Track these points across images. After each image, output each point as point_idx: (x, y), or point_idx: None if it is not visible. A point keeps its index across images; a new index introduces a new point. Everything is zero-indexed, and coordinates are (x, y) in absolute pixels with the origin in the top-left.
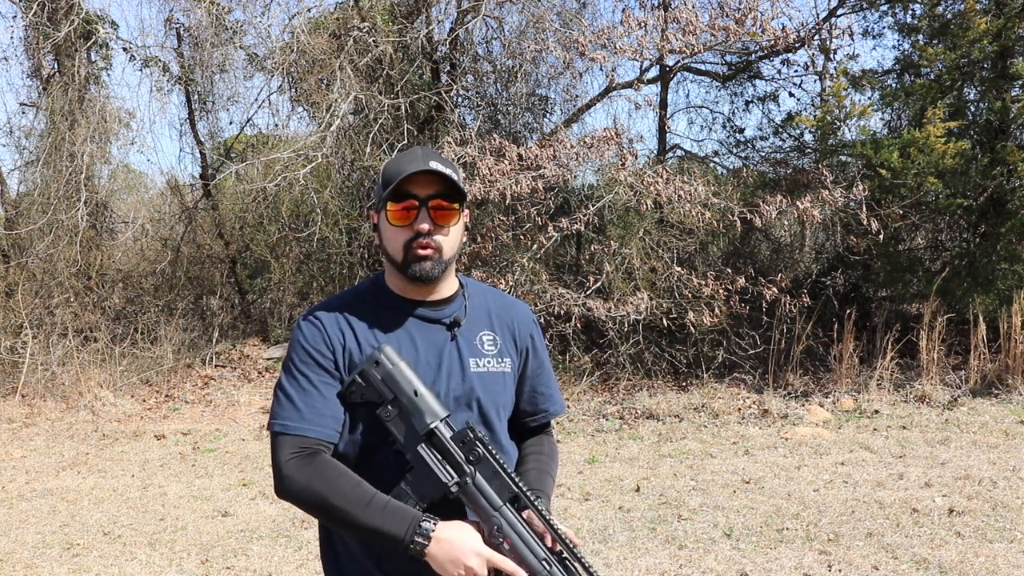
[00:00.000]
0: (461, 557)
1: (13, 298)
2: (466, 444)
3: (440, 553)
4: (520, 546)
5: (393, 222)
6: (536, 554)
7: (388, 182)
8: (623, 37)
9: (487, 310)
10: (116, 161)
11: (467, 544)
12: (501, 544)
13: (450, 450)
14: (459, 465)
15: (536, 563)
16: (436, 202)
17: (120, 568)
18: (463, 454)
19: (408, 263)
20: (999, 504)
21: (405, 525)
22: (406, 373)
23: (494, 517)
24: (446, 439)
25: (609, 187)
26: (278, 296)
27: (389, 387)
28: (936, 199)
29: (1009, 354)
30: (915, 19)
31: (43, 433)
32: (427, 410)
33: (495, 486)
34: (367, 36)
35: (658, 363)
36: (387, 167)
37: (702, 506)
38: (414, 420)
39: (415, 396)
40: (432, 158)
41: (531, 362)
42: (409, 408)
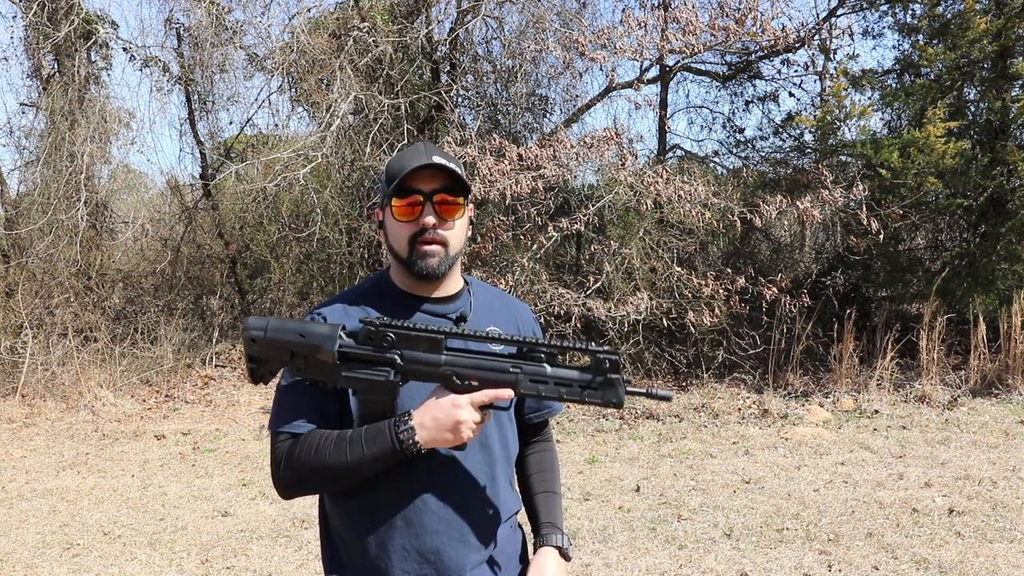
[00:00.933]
0: (449, 420)
1: (13, 298)
2: (374, 338)
3: (431, 432)
4: (485, 374)
5: (398, 217)
6: (501, 368)
7: (392, 178)
8: (623, 37)
9: (492, 307)
10: (116, 161)
11: (443, 406)
12: (469, 385)
13: (365, 353)
14: (381, 358)
15: (507, 375)
16: (441, 196)
17: (120, 568)
18: (377, 346)
19: (414, 259)
20: (999, 504)
21: (387, 438)
22: (281, 326)
23: (444, 371)
24: (353, 347)
25: (609, 187)
26: (278, 296)
27: (279, 349)
28: (936, 199)
29: (1009, 354)
30: (915, 19)
31: (43, 433)
32: (322, 339)
33: (424, 348)
34: (367, 36)
35: (658, 363)
36: (390, 164)
37: (702, 506)
38: (321, 356)
39: (303, 338)
40: (435, 153)
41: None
42: (308, 351)
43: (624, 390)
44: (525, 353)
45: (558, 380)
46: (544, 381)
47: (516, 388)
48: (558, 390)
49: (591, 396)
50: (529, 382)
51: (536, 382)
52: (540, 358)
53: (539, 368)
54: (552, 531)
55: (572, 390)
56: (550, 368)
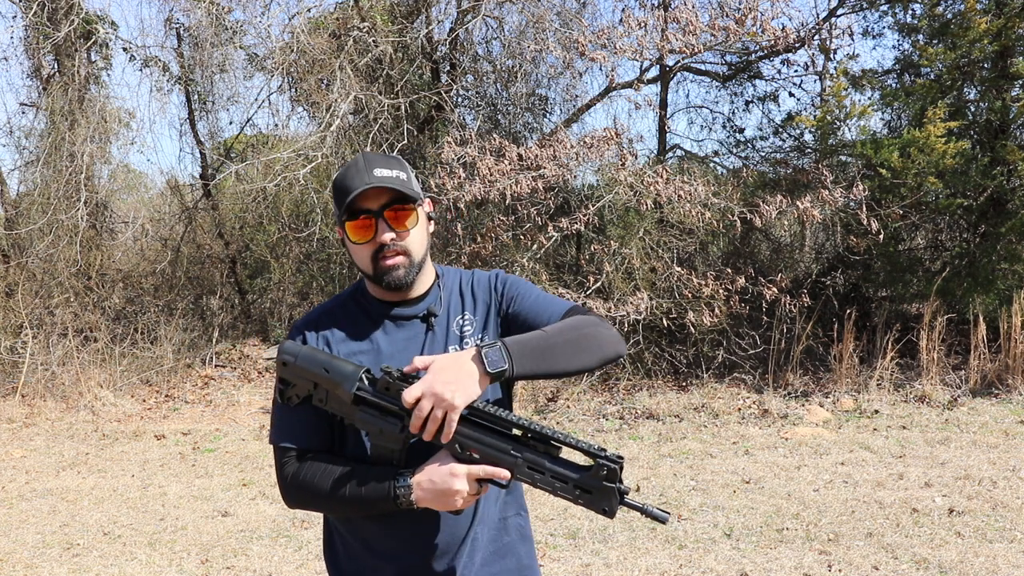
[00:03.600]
0: (445, 486)
1: (13, 298)
2: (390, 389)
3: (425, 495)
4: (486, 450)
5: (355, 240)
6: (503, 449)
7: (340, 201)
8: (623, 37)
9: (459, 293)
10: (116, 161)
11: (442, 473)
12: (470, 457)
13: (380, 402)
14: (394, 411)
15: (507, 457)
16: (390, 210)
17: (120, 568)
18: (393, 397)
19: (380, 274)
20: (999, 504)
21: (386, 492)
22: (311, 357)
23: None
24: (370, 395)
25: (609, 187)
26: (278, 296)
27: (305, 377)
28: (936, 199)
29: (1009, 354)
30: (915, 19)
31: (43, 433)
32: (342, 379)
33: None
34: (367, 36)
35: (658, 363)
36: (336, 185)
37: (702, 506)
38: (340, 393)
39: (327, 373)
40: (375, 166)
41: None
42: (329, 387)
43: (618, 501)
44: (528, 439)
45: (555, 474)
46: (541, 472)
47: (513, 472)
48: (553, 483)
49: (583, 498)
50: (527, 468)
51: (533, 470)
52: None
53: (539, 459)
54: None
55: (567, 487)
56: (549, 462)
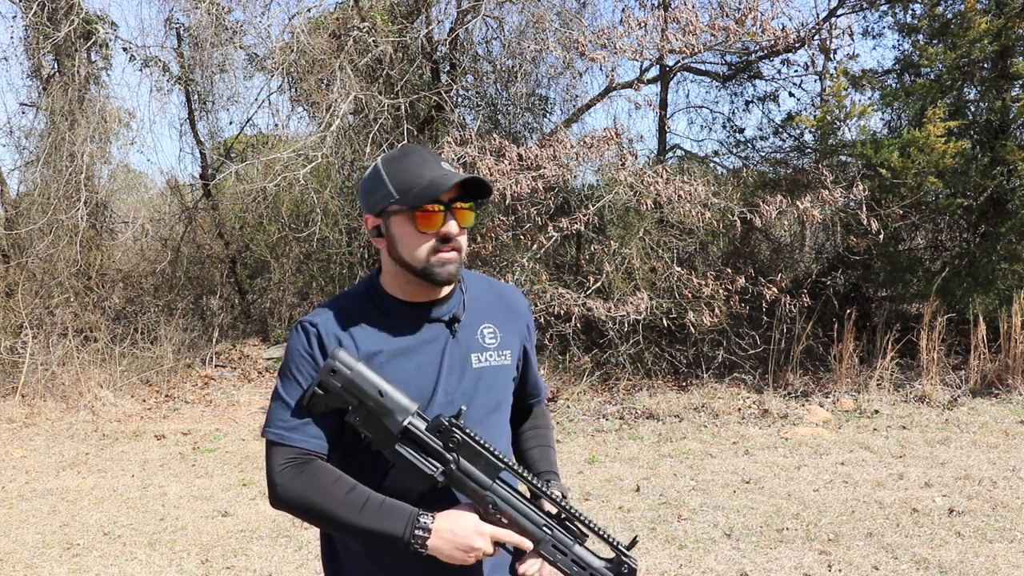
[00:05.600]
0: (466, 541)
1: (13, 298)
2: (443, 433)
3: (443, 543)
4: (518, 518)
5: (422, 229)
6: (535, 521)
7: (405, 188)
8: (623, 37)
9: (485, 302)
10: (116, 161)
11: (468, 527)
12: (499, 520)
13: (428, 442)
14: (440, 454)
15: (537, 530)
16: (458, 205)
17: (120, 568)
18: (442, 442)
19: (433, 267)
20: (999, 504)
21: (403, 524)
22: (366, 375)
23: (487, 496)
24: (421, 432)
25: (609, 187)
26: (278, 296)
27: (352, 393)
28: (936, 199)
29: (1009, 354)
30: (915, 19)
31: (43, 433)
32: (396, 408)
33: (481, 467)
34: (367, 36)
35: (658, 363)
36: (394, 171)
37: (702, 506)
38: (386, 421)
39: (381, 396)
40: (440, 160)
41: (530, 352)
42: (378, 410)
43: None
44: (562, 519)
45: (577, 560)
46: (564, 553)
47: (537, 545)
48: (572, 567)
49: None
50: (551, 547)
51: (557, 549)
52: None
53: (567, 541)
54: (550, 479)
55: (584, 574)
56: (577, 547)
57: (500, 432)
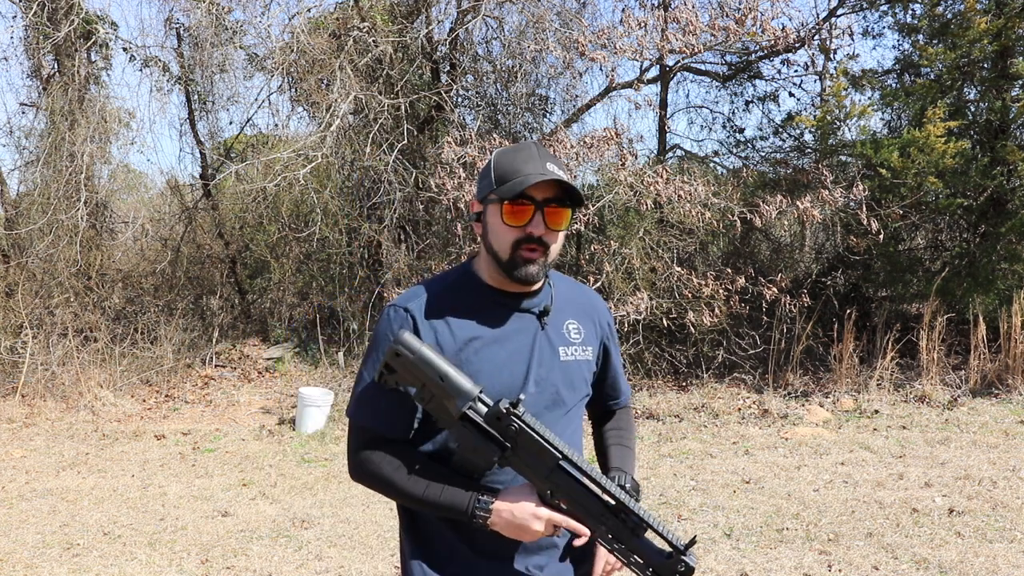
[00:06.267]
0: (523, 524)
1: (13, 298)
2: (501, 420)
3: (502, 523)
4: (576, 507)
5: (508, 222)
6: (592, 510)
7: (503, 179)
8: (623, 37)
9: (570, 300)
10: (116, 161)
11: (526, 510)
12: (557, 504)
13: (486, 429)
14: (499, 441)
15: (594, 521)
16: (552, 206)
17: (120, 568)
18: (500, 430)
19: (514, 264)
20: (999, 504)
21: (464, 505)
22: (429, 359)
23: (545, 481)
24: (480, 419)
25: (609, 187)
26: (278, 296)
27: (415, 376)
28: (936, 199)
29: (1009, 354)
30: (915, 19)
31: (43, 433)
32: (456, 393)
33: (539, 455)
34: (367, 36)
35: (658, 363)
36: (500, 161)
37: (702, 506)
38: (447, 404)
39: (441, 381)
40: (548, 160)
41: (612, 351)
42: (438, 393)
43: None
44: (619, 512)
45: (634, 549)
46: (621, 543)
47: (593, 533)
48: (629, 556)
49: None
50: (608, 536)
51: (614, 539)
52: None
53: (622, 532)
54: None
55: (641, 566)
56: (634, 539)
57: (576, 426)
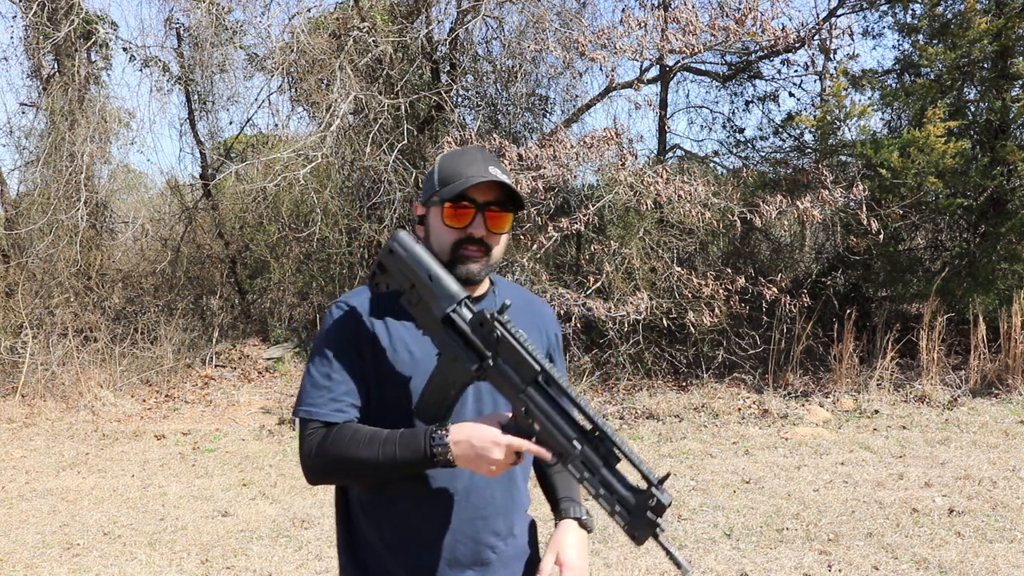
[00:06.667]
0: (483, 452)
1: (13, 298)
2: (484, 326)
3: (462, 453)
4: (549, 426)
5: (448, 223)
6: (565, 433)
7: (445, 181)
8: (623, 37)
9: (517, 309)
10: (116, 161)
11: (486, 436)
12: (531, 425)
13: (468, 334)
14: (479, 349)
15: (566, 442)
16: (493, 209)
17: (120, 568)
18: (481, 336)
19: (455, 263)
20: (999, 504)
21: (420, 444)
22: (420, 257)
23: (520, 398)
24: (464, 323)
25: (609, 187)
26: (278, 296)
27: (406, 275)
28: (936, 199)
29: (1009, 354)
30: (915, 19)
31: (43, 433)
32: (442, 295)
33: (518, 367)
34: (367, 36)
35: (658, 363)
36: (444, 164)
37: (702, 506)
38: (432, 306)
39: (429, 280)
40: (491, 163)
41: (557, 362)
42: (425, 294)
43: (650, 534)
44: (595, 436)
45: (605, 481)
46: (592, 472)
47: (566, 459)
48: (598, 487)
49: (621, 516)
50: (580, 462)
51: (585, 466)
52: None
53: (596, 460)
54: (571, 504)
55: (609, 498)
56: (604, 466)
57: None
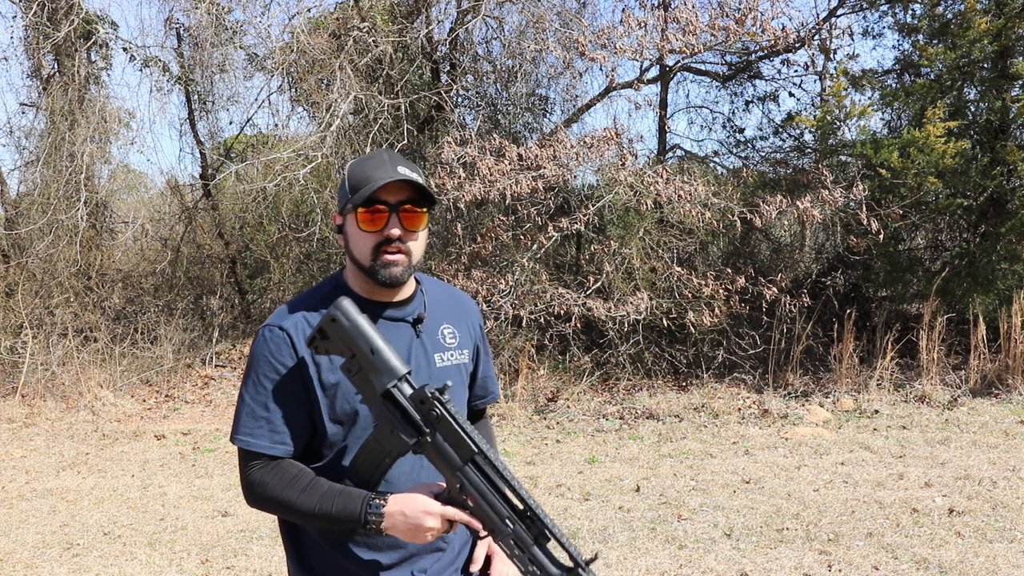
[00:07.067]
0: (417, 522)
1: (13, 298)
2: (425, 404)
3: (396, 525)
4: (483, 504)
5: (363, 227)
6: (499, 512)
7: (356, 187)
8: (623, 37)
9: (443, 304)
10: (116, 161)
11: (418, 508)
12: (465, 502)
13: (408, 410)
14: (418, 425)
15: (499, 521)
16: (406, 208)
17: (120, 568)
18: (422, 414)
19: (376, 268)
20: (999, 504)
21: (357, 508)
22: (363, 329)
23: (456, 475)
24: (404, 399)
25: (609, 187)
26: (278, 296)
27: (347, 344)
28: (936, 199)
29: (1009, 354)
30: (915, 19)
31: (43, 433)
32: (384, 369)
33: (456, 446)
34: (367, 36)
35: (658, 363)
36: (353, 171)
37: (702, 506)
38: (372, 379)
39: (371, 354)
40: (399, 163)
41: (482, 352)
42: (366, 366)
43: None
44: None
45: (534, 559)
46: (522, 550)
47: (497, 536)
48: (527, 565)
49: None
50: (511, 541)
51: (516, 544)
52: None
53: (526, 539)
54: None
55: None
56: (535, 548)
57: None
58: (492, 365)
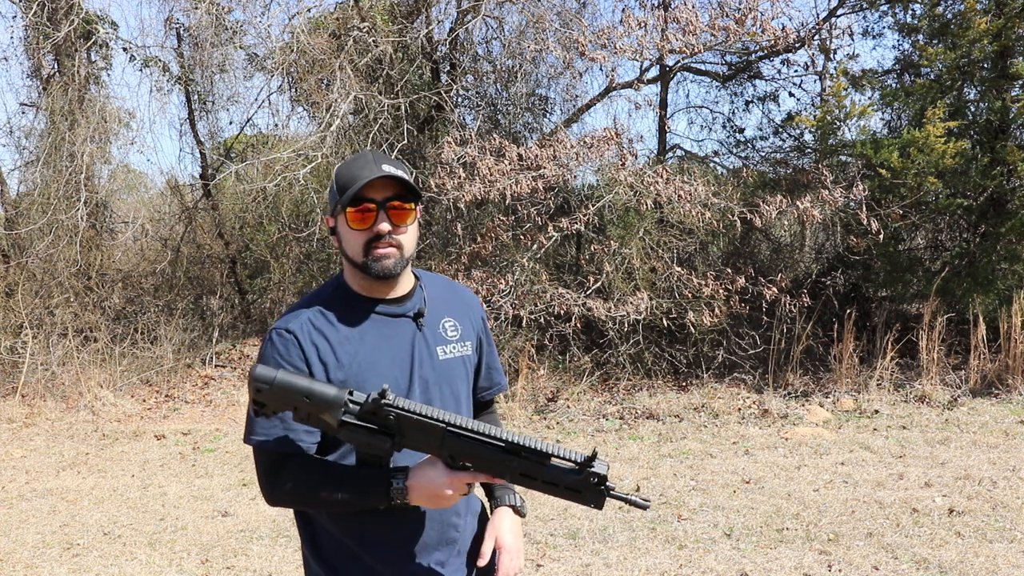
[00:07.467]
0: (440, 494)
1: (13, 298)
2: (378, 414)
3: (421, 498)
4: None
5: (353, 225)
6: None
7: (343, 188)
8: (623, 37)
9: (443, 298)
10: (116, 161)
11: (436, 481)
12: (462, 466)
13: (366, 428)
14: (381, 434)
15: (502, 466)
16: (393, 204)
17: (120, 568)
18: (379, 422)
19: (369, 263)
20: (999, 504)
21: (381, 493)
22: (288, 383)
23: (442, 453)
24: (354, 422)
25: (609, 187)
26: (278, 296)
27: (285, 401)
28: (936, 199)
29: (1009, 354)
30: (915, 19)
31: (43, 433)
32: (327, 405)
33: (423, 431)
34: (367, 36)
35: (658, 363)
36: (340, 173)
37: (702, 506)
38: (324, 417)
39: (308, 400)
40: (384, 161)
41: (485, 343)
42: (312, 411)
43: (605, 497)
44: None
45: (547, 479)
46: (533, 478)
47: (508, 477)
48: (544, 487)
49: (574, 497)
50: (520, 475)
51: (525, 476)
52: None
53: (531, 467)
54: (505, 491)
55: (559, 489)
56: (543, 468)
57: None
58: (497, 356)
